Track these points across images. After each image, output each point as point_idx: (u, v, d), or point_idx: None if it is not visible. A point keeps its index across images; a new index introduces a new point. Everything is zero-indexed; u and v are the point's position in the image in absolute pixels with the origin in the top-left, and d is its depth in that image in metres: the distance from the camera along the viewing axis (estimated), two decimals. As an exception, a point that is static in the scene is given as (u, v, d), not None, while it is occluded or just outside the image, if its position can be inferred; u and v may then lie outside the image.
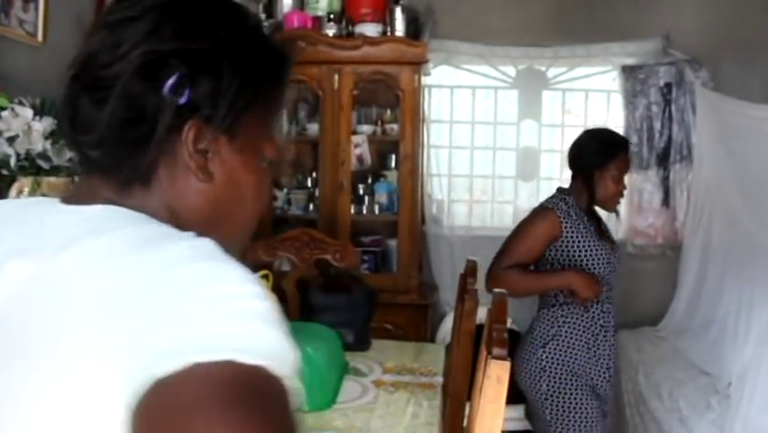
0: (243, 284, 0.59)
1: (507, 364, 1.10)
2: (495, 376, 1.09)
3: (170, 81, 0.68)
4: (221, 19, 0.74)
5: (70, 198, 0.73)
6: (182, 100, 0.69)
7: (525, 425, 3.40)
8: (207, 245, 0.62)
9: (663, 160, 3.70)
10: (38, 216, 0.70)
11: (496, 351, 1.10)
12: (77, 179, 0.76)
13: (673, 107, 3.70)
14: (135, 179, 0.72)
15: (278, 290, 2.65)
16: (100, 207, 0.69)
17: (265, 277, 2.52)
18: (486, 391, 1.10)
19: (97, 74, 0.69)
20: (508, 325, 3.69)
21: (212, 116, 0.71)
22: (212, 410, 0.51)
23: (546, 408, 2.44)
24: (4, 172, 1.93)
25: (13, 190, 1.92)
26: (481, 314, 2.04)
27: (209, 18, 0.73)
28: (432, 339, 3.55)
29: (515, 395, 3.35)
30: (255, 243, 2.96)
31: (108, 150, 0.70)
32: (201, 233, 0.66)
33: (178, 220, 0.72)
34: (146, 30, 0.69)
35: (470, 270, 2.17)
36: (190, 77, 0.70)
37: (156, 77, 0.68)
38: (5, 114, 1.92)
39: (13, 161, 1.91)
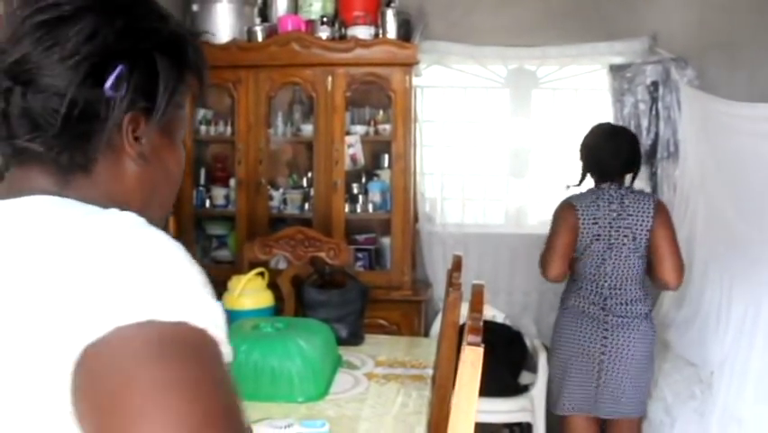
0: (163, 250, 0.63)
1: (480, 350, 1.17)
2: (469, 361, 1.17)
3: (111, 79, 0.72)
4: (150, 17, 0.78)
5: (5, 192, 0.74)
6: (120, 93, 0.73)
7: (524, 417, 3.47)
8: (129, 218, 0.66)
9: (651, 156, 3.77)
10: None
11: (470, 338, 1.18)
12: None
13: (660, 105, 3.76)
14: (76, 169, 0.74)
15: (274, 287, 2.73)
16: (29, 199, 0.71)
17: (261, 274, 2.61)
18: (461, 376, 1.18)
19: (36, 75, 0.71)
20: (501, 320, 3.78)
21: (148, 108, 0.76)
22: (141, 366, 0.55)
23: None
24: None
25: None
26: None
27: (141, 17, 0.77)
28: (426, 334, 3.63)
29: (516, 387, 3.46)
30: (251, 241, 3.05)
31: (49, 143, 0.72)
32: (134, 211, 0.70)
33: (117, 205, 0.73)
34: (88, 32, 0.72)
35: (456, 264, 2.25)
36: (128, 72, 0.73)
37: (99, 76, 0.72)
38: None
39: None
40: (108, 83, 0.72)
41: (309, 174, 3.81)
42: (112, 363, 0.55)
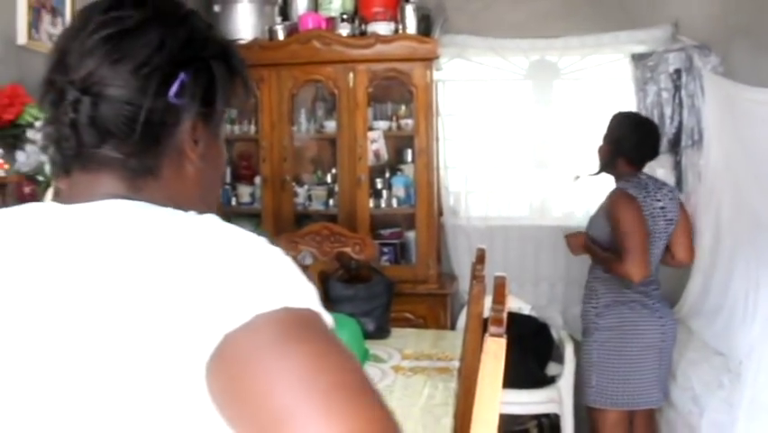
0: (265, 245, 0.69)
1: (502, 341, 1.19)
2: (492, 352, 1.19)
3: (175, 87, 0.77)
4: (203, 27, 0.83)
5: (69, 198, 0.78)
6: (183, 101, 0.78)
7: (551, 408, 3.48)
8: (215, 219, 0.71)
9: (675, 145, 3.75)
10: (43, 221, 0.75)
11: (492, 329, 1.20)
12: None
13: (683, 93, 3.73)
14: (145, 173, 0.78)
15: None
16: (107, 203, 0.74)
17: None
18: (484, 367, 1.20)
19: (107, 86, 0.75)
20: (527, 312, 3.78)
21: (206, 113, 0.81)
22: (284, 345, 0.61)
23: None
24: (40, 178, 2.08)
25: (49, 194, 2.06)
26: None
27: (197, 27, 0.82)
28: (452, 327, 3.65)
29: (543, 378, 3.47)
30: (278, 237, 3.09)
31: (121, 149, 0.76)
32: (193, 210, 0.75)
33: (178, 206, 0.77)
34: (156, 44, 0.77)
35: (480, 257, 2.27)
36: (191, 80, 0.78)
37: (165, 85, 0.77)
38: (39, 124, 2.06)
39: (47, 168, 2.04)
40: (172, 91, 0.77)
41: (333, 170, 3.84)
42: (256, 345, 0.61)
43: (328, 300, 2.74)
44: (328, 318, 0.66)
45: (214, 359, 0.61)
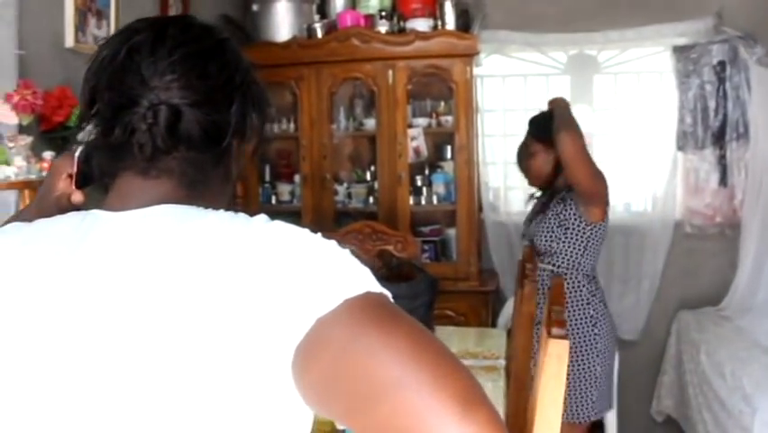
0: (323, 238, 0.75)
1: (566, 343, 1.18)
2: (555, 354, 1.18)
3: (236, 106, 0.84)
4: (245, 56, 0.90)
5: (120, 204, 0.81)
6: (237, 118, 0.85)
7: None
8: (267, 217, 0.78)
9: (719, 139, 3.69)
10: (98, 226, 0.79)
11: (555, 331, 1.19)
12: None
13: (728, 85, 3.67)
14: (201, 184, 0.85)
15: (343, 282, 2.76)
16: (166, 206, 0.80)
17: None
18: (547, 369, 1.19)
19: (186, 100, 0.80)
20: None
21: (244, 132, 0.87)
22: (380, 324, 0.66)
23: None
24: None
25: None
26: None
27: (243, 55, 0.90)
28: (493, 324, 3.62)
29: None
30: (319, 236, 3.09)
31: (190, 159, 0.82)
32: None
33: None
34: (231, 67, 0.85)
35: (529, 255, 2.25)
36: (244, 101, 0.86)
37: (230, 104, 0.84)
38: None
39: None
40: (233, 108, 0.84)
41: (372, 168, 3.84)
42: (351, 327, 0.66)
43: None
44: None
45: (306, 345, 0.65)
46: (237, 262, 0.70)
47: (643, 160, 3.93)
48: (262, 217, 0.77)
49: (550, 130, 2.67)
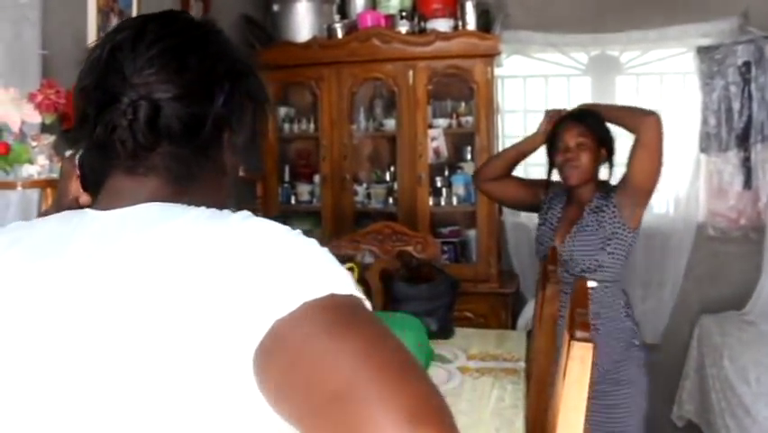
0: (303, 237, 0.73)
1: (590, 346, 1.17)
2: (578, 357, 1.16)
3: (221, 98, 0.83)
4: (236, 48, 0.89)
5: (110, 202, 0.81)
6: (226, 112, 0.84)
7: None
8: (250, 214, 0.75)
9: (743, 141, 3.64)
10: (82, 226, 0.79)
11: (579, 334, 1.17)
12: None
13: (753, 86, 3.62)
14: (188, 179, 0.84)
15: (363, 282, 2.76)
16: (154, 205, 0.79)
17: (351, 270, 2.63)
18: (570, 373, 1.17)
19: (165, 94, 0.80)
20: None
21: (231, 124, 0.86)
22: (337, 329, 0.63)
23: None
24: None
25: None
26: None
27: (234, 47, 0.89)
28: (513, 326, 3.60)
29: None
30: (339, 237, 3.09)
31: (173, 154, 0.82)
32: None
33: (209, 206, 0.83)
34: (210, 59, 0.84)
35: (552, 257, 2.23)
36: (231, 93, 0.84)
37: (212, 96, 0.83)
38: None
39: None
40: (218, 102, 0.83)
41: (392, 168, 3.83)
42: (308, 331, 0.63)
43: (391, 300, 2.73)
44: (368, 303, 0.69)
45: (264, 347, 0.63)
46: (204, 261, 0.69)
47: (665, 161, 3.88)
48: (241, 215, 0.75)
49: (603, 123, 2.54)
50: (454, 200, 3.71)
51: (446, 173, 3.77)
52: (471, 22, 3.57)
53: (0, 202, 2.10)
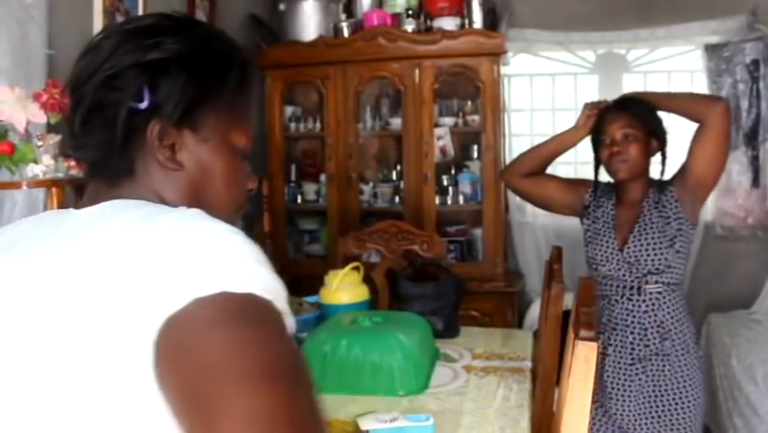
0: (226, 234, 0.71)
1: (594, 345, 1.16)
2: (583, 356, 1.16)
3: (131, 89, 0.81)
4: (167, 33, 0.85)
5: (82, 204, 0.85)
6: (144, 104, 0.81)
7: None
8: (195, 212, 0.75)
9: (752, 139, 3.62)
10: (56, 222, 0.82)
11: (583, 333, 1.17)
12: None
13: (761, 84, 3.61)
14: (121, 174, 0.84)
15: (369, 281, 2.75)
16: (104, 203, 0.81)
17: (356, 269, 2.63)
18: (575, 371, 1.17)
19: (78, 91, 0.84)
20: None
21: (171, 114, 0.83)
22: (216, 329, 0.63)
23: None
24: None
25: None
26: (568, 300, 2.09)
27: (157, 34, 0.84)
28: (519, 326, 3.60)
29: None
30: (345, 236, 3.09)
31: (96, 153, 0.84)
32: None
33: (168, 204, 0.84)
34: (108, 51, 0.83)
35: (556, 256, 2.22)
36: (149, 84, 0.82)
37: (119, 88, 0.81)
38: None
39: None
40: (127, 93, 0.82)
41: (398, 167, 3.83)
42: (192, 328, 0.63)
43: (397, 298, 2.72)
44: (280, 305, 0.68)
45: (159, 342, 0.64)
46: (116, 260, 0.69)
47: (672, 159, 3.87)
48: (182, 214, 0.74)
49: (652, 111, 2.35)
50: (461, 199, 3.71)
51: (452, 172, 3.77)
52: (478, 20, 3.56)
53: (5, 202, 2.11)
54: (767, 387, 2.81)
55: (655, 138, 2.33)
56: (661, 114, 2.37)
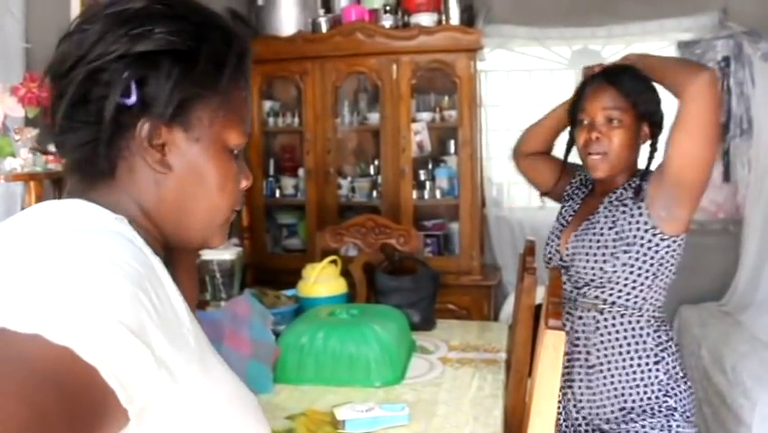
0: (66, 262, 0.62)
1: (562, 334, 1.20)
2: (551, 345, 1.20)
3: (118, 84, 0.74)
4: (158, 20, 0.77)
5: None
6: (131, 101, 0.75)
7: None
8: (84, 223, 0.70)
9: (723, 134, 3.69)
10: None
11: (551, 322, 1.20)
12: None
13: (732, 81, 3.68)
14: (99, 176, 0.78)
15: (346, 275, 2.78)
16: (33, 207, 0.76)
17: (334, 262, 2.66)
18: (543, 360, 1.20)
19: (60, 81, 0.77)
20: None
21: (162, 112, 0.76)
22: (8, 386, 0.52)
23: None
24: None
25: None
26: (541, 294, 2.13)
27: (148, 21, 0.76)
28: (495, 318, 3.64)
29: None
30: (323, 230, 3.11)
31: (78, 152, 0.78)
32: (171, 223, 0.80)
33: (147, 211, 0.79)
34: (93, 39, 0.75)
35: (529, 249, 2.26)
36: (138, 79, 0.75)
37: (105, 82, 0.74)
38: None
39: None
40: (114, 88, 0.75)
41: (376, 162, 3.86)
42: None
43: (375, 292, 2.76)
44: (109, 378, 0.57)
45: None
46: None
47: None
48: (59, 239, 0.67)
49: (647, 85, 1.85)
50: (437, 194, 3.74)
51: (430, 167, 3.80)
52: (455, 16, 3.59)
53: (-17, 195, 2.11)
54: (735, 377, 2.87)
55: (648, 122, 1.87)
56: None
